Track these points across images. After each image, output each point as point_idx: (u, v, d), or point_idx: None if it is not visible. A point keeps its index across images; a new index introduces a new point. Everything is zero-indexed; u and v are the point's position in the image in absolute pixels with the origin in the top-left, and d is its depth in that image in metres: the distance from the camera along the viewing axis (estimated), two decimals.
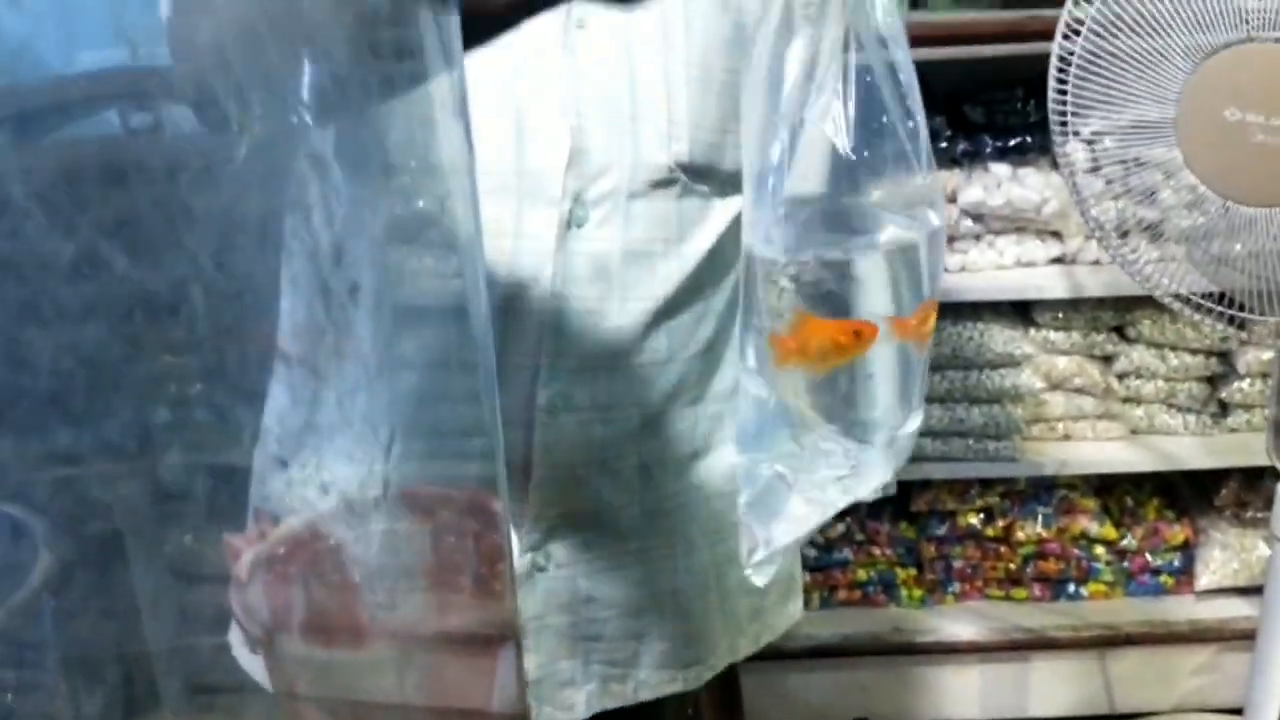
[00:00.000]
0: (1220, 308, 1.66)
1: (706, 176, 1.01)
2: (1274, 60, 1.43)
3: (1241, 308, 1.67)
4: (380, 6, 0.49)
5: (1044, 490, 2.23)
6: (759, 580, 0.81)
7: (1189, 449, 2.14)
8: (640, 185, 0.98)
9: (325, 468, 0.54)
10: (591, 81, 0.96)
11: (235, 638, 0.73)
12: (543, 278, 0.96)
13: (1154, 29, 1.58)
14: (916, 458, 2.13)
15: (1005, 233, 2.04)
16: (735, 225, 1.03)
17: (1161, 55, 1.58)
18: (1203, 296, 1.75)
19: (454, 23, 0.47)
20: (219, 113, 0.49)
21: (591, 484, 1.02)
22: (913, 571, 2.25)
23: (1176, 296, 1.74)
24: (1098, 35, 1.63)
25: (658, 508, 1.07)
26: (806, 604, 2.25)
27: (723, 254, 1.04)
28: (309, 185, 0.47)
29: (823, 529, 2.21)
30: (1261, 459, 1.67)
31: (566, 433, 1.00)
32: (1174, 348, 2.09)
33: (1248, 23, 1.50)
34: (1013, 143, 2.00)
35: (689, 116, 0.98)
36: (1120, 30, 1.61)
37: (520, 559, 1.00)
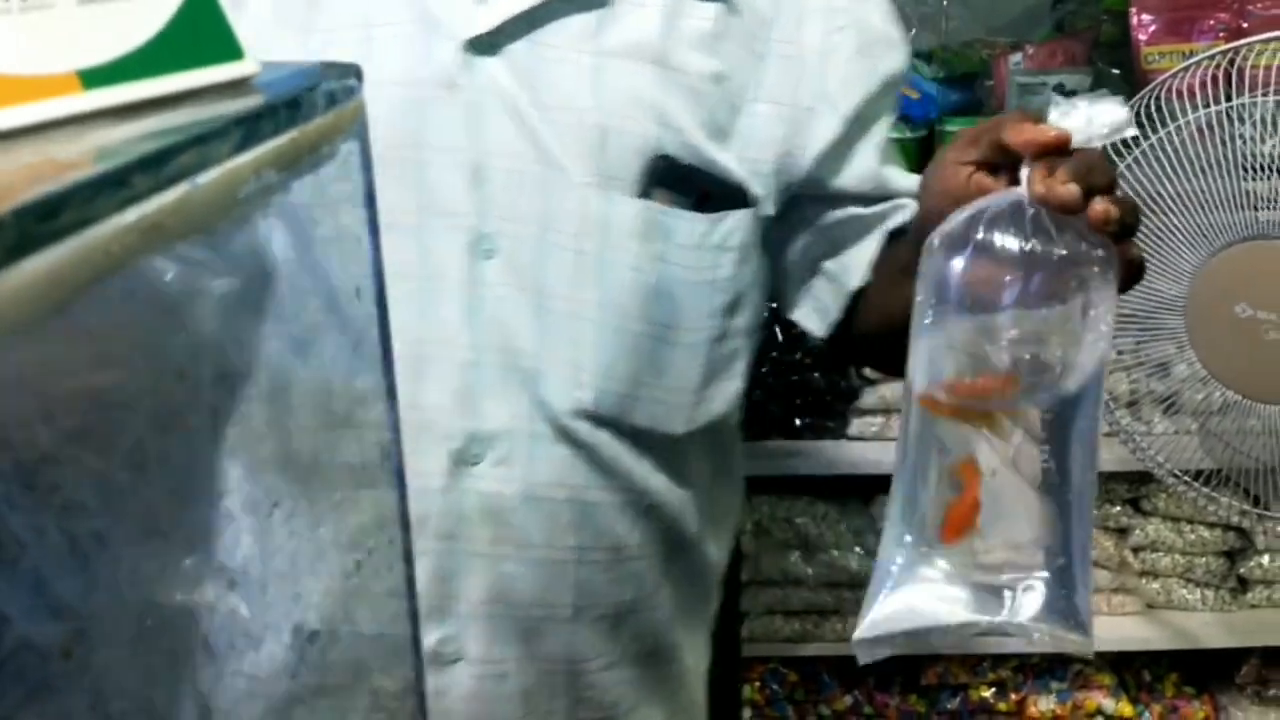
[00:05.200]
0: (1225, 497, 1.63)
1: (614, 427, 0.92)
2: None
3: (1246, 493, 1.64)
4: None
5: (1058, 664, 2.17)
6: (860, 656, 0.73)
7: (1208, 625, 2.08)
8: (541, 428, 0.90)
9: None
10: (492, 317, 0.89)
11: None
12: (429, 518, 0.89)
13: (1164, 208, 1.58)
14: None
15: None
16: (645, 491, 0.96)
17: (1171, 235, 1.57)
18: (1212, 474, 1.72)
19: None
20: None
21: None
22: None
23: (1178, 477, 1.70)
24: None
25: None
26: None
27: (639, 504, 0.96)
28: None
29: (829, 701, 2.15)
30: None
31: (457, 684, 0.93)
32: (1190, 521, 2.04)
33: (1255, 208, 1.49)
34: None
35: (597, 364, 0.90)
36: None
37: None
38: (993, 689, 2.16)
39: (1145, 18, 1.76)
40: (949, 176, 0.74)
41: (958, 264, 0.67)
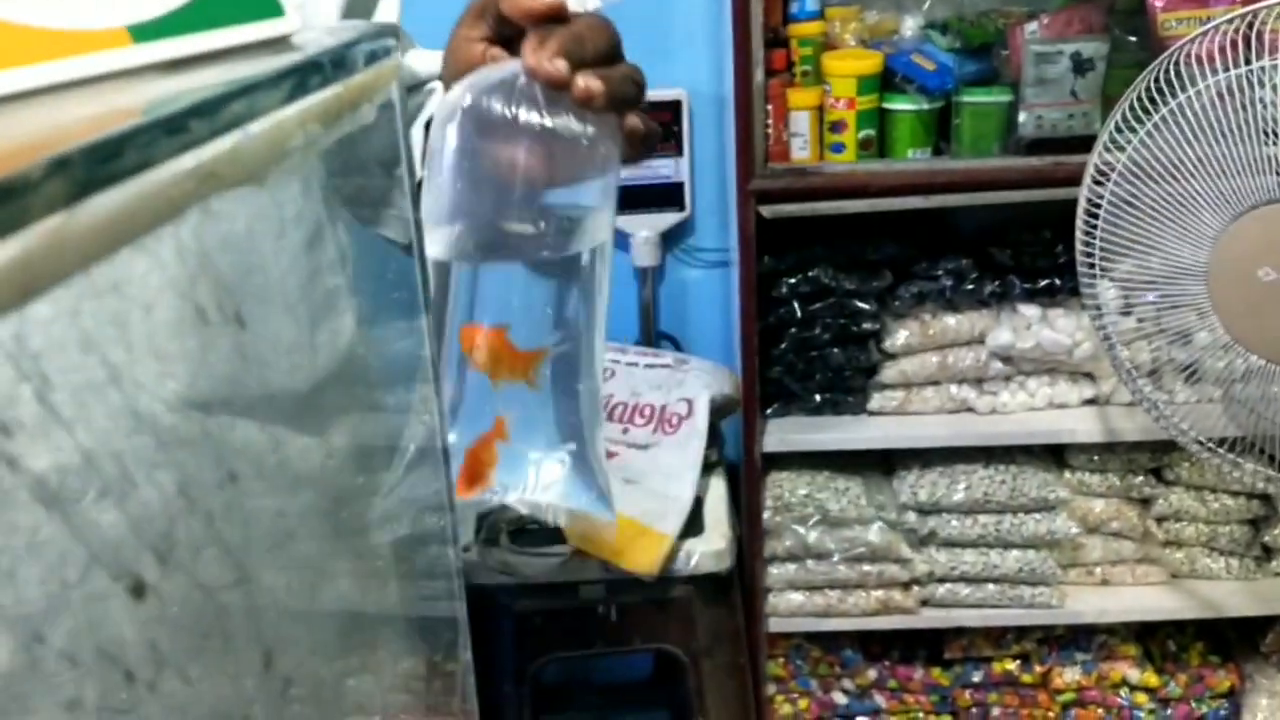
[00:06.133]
0: (1251, 462, 1.62)
1: None
2: None
3: (1271, 459, 1.64)
4: None
5: (1083, 635, 2.16)
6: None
7: (1233, 594, 2.07)
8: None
9: None
10: None
11: None
12: None
13: (1184, 174, 1.57)
14: (950, 604, 2.11)
15: (1036, 374, 2.01)
16: None
17: (1192, 200, 1.57)
18: (1235, 441, 1.72)
19: None
20: None
21: None
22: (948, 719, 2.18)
23: (1203, 444, 1.70)
24: (1127, 181, 1.62)
25: None
26: None
27: None
28: None
29: (853, 675, 2.16)
30: None
31: None
32: (1214, 490, 2.04)
33: (1276, 173, 1.48)
34: (1042, 284, 1.98)
35: None
36: (1150, 176, 1.60)
37: None
38: (1017, 661, 2.16)
39: None
40: (463, 53, 0.71)
41: (452, 136, 0.66)
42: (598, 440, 0.71)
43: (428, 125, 0.91)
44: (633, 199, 2.09)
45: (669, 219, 2.12)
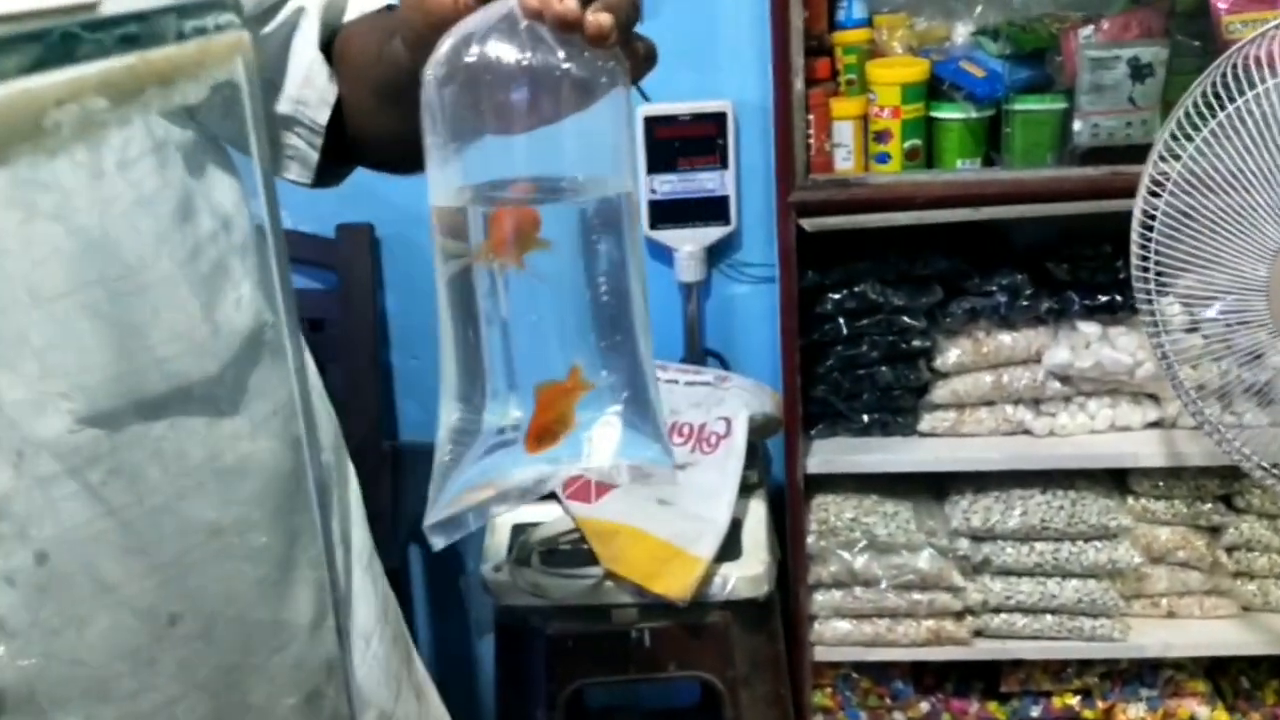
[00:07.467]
0: None
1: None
2: None
3: None
4: None
5: (1148, 670, 2.06)
6: (434, 541, 0.64)
7: None
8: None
9: None
10: None
11: None
12: None
13: (1242, 184, 1.48)
14: (1005, 635, 2.02)
15: (1097, 394, 1.92)
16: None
17: (1252, 212, 1.48)
18: None
19: None
20: None
21: None
22: None
23: (1268, 470, 1.60)
24: (1183, 192, 1.54)
25: None
26: None
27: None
28: None
29: (905, 707, 2.07)
30: None
31: None
32: None
33: None
34: (1102, 300, 1.89)
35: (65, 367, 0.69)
36: (1207, 187, 1.51)
37: None
38: (1078, 696, 2.07)
39: None
40: (433, 2, 0.66)
41: (453, 91, 0.62)
42: (652, 378, 0.68)
43: (330, 50, 0.87)
44: (676, 212, 2.04)
45: (714, 233, 2.07)
